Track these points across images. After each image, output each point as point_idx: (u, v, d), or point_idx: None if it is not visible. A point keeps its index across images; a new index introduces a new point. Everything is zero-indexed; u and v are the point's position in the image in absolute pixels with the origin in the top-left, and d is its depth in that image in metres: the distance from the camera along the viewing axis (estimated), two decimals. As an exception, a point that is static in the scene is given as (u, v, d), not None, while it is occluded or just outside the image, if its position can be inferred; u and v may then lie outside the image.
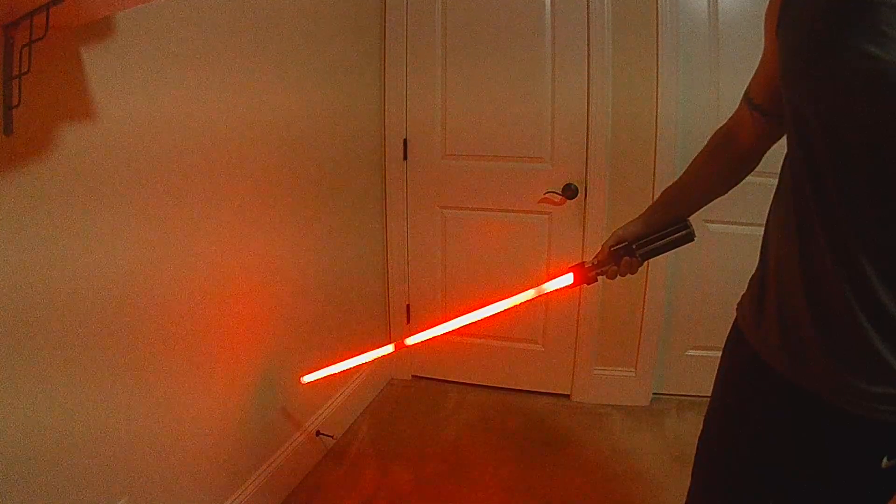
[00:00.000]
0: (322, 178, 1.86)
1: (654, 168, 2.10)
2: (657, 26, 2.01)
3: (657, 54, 2.02)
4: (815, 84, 0.66)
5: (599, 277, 1.06)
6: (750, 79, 0.89)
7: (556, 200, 2.22)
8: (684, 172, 1.01)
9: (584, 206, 2.19)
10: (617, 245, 1.01)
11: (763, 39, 0.82)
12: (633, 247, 1.00)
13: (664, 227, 0.99)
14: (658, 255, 1.01)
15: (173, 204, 1.23)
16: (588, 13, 2.05)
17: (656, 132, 2.08)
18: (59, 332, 0.99)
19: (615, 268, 1.01)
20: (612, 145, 2.12)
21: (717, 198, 1.00)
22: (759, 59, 0.86)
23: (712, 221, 2.14)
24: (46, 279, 0.96)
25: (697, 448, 0.97)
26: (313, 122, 1.78)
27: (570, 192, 2.17)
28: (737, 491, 0.87)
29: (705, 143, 0.99)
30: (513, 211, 2.28)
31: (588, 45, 2.07)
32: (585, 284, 1.07)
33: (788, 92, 0.72)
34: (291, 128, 1.67)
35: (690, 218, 1.00)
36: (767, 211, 0.82)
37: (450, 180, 2.33)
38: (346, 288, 2.11)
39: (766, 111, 0.86)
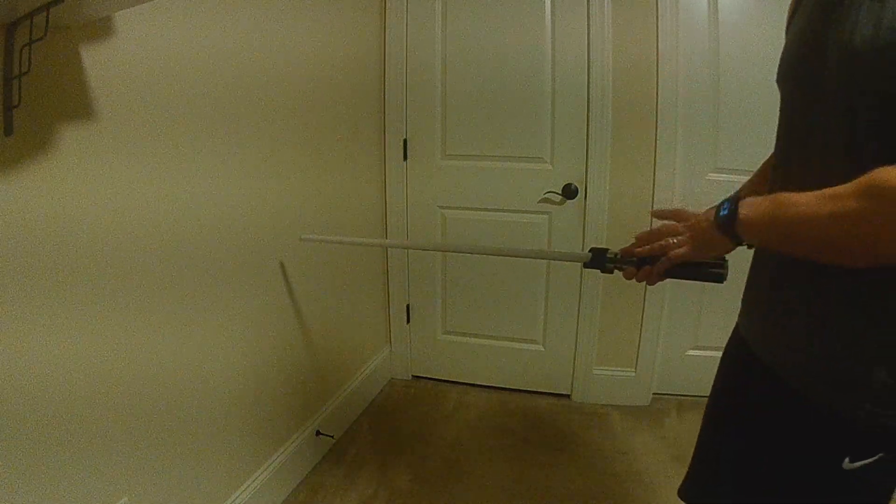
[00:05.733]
0: (321, 183, 1.87)
1: (654, 168, 2.10)
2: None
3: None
4: (794, 86, 0.66)
5: (617, 272, 0.98)
6: None
7: (556, 200, 2.23)
8: None
9: (584, 206, 2.19)
10: None
11: None
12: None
13: None
14: (679, 278, 0.92)
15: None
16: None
17: (656, 133, 2.08)
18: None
19: (634, 269, 0.93)
20: (613, 145, 2.13)
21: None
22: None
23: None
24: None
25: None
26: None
27: (570, 192, 2.18)
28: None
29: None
30: (513, 211, 2.28)
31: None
32: (599, 271, 0.99)
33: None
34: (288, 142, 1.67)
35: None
36: None
37: (450, 180, 2.33)
38: (347, 289, 2.11)
39: None
